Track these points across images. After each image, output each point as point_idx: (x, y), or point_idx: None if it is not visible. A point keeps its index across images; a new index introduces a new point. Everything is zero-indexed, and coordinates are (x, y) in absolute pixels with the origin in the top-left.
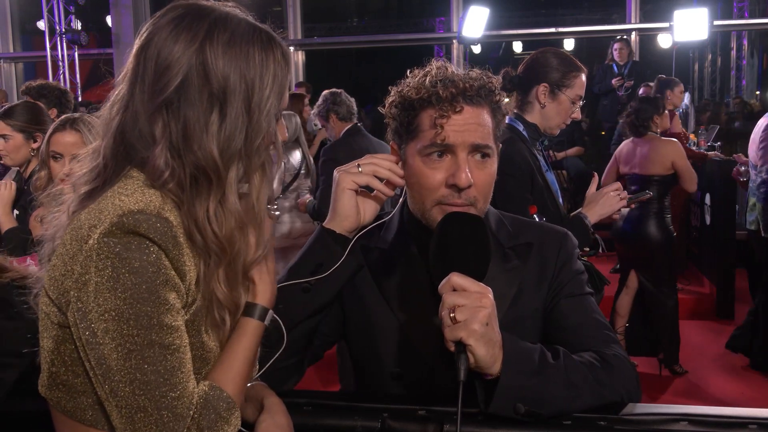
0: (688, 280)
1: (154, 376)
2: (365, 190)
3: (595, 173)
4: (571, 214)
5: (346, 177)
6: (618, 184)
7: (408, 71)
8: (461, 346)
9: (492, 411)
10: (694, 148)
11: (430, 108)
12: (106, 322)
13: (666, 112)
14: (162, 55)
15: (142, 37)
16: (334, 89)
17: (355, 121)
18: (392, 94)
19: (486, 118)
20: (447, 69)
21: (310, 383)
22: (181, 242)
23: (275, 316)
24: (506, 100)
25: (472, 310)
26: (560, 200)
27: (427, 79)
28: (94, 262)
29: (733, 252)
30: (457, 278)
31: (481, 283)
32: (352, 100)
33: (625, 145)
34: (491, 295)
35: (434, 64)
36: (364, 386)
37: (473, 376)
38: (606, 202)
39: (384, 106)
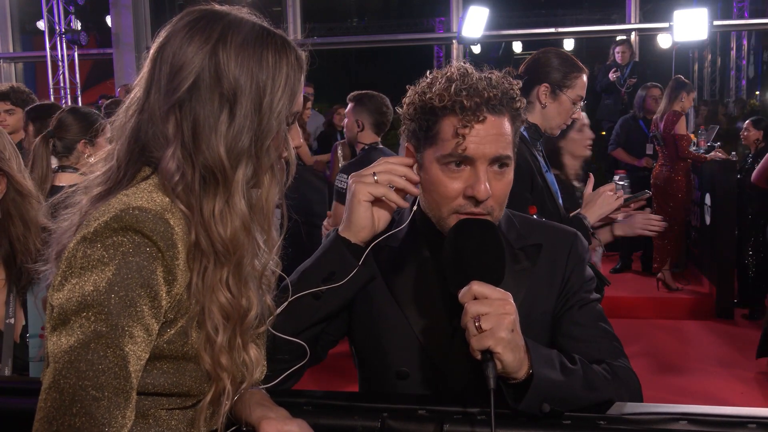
0: (687, 280)
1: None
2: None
3: (591, 174)
4: (570, 214)
5: (363, 188)
6: (612, 185)
7: (428, 72)
8: (488, 354)
9: (522, 409)
10: (694, 149)
11: (453, 116)
12: (71, 303)
13: None
14: (176, 57)
15: (158, 42)
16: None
17: None
18: (409, 93)
19: (506, 126)
20: (468, 72)
21: (310, 383)
22: (179, 247)
23: (297, 340)
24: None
25: (497, 318)
26: (560, 201)
27: (453, 88)
28: (84, 246)
29: (733, 252)
30: (477, 287)
31: (501, 289)
32: None
33: None
34: (512, 301)
35: (455, 67)
36: (368, 385)
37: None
38: (603, 202)
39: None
